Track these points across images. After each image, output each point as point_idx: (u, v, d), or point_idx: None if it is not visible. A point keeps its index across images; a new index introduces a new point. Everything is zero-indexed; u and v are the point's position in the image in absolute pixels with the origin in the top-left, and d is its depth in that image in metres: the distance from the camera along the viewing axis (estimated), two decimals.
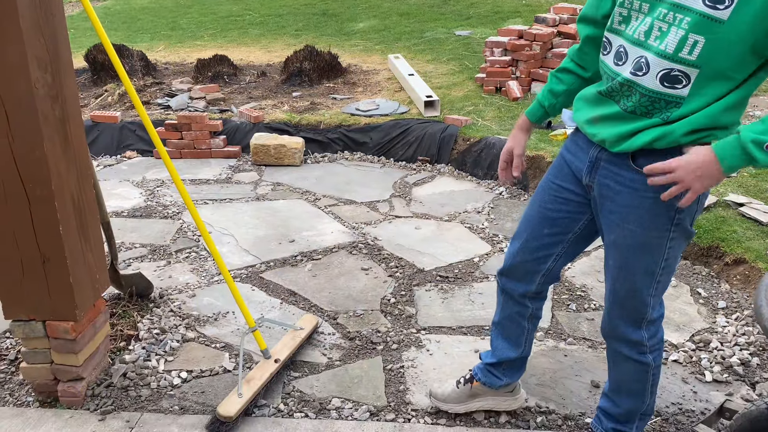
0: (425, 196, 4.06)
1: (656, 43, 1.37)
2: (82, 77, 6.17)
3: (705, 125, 1.38)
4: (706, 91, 1.35)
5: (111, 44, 2.09)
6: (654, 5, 1.37)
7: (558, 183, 1.71)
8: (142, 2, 11.76)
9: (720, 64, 1.31)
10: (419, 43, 7.52)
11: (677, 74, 1.35)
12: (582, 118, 1.60)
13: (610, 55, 1.50)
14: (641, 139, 1.44)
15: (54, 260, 2.02)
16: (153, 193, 4.06)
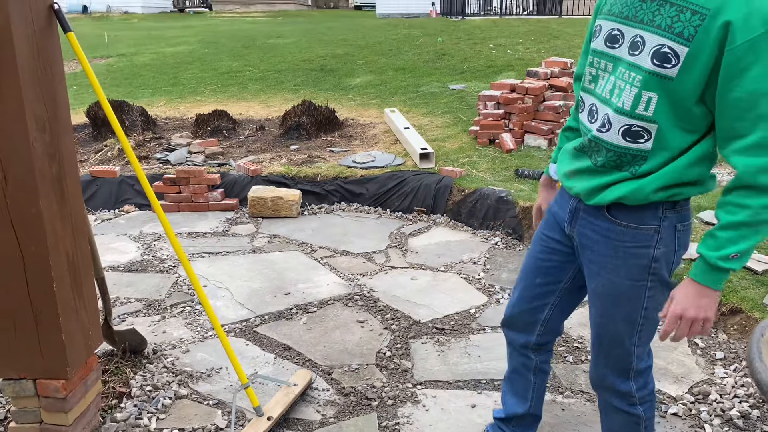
0: (421, 246, 4.08)
1: (615, 100, 1.43)
2: (83, 132, 6.28)
3: (673, 181, 1.42)
4: (669, 145, 1.40)
5: (107, 101, 2.14)
6: (616, 65, 1.44)
7: (546, 234, 1.75)
8: (144, 59, 12.06)
9: (676, 119, 1.37)
10: (415, 97, 7.68)
11: (638, 129, 1.41)
12: (561, 172, 1.67)
13: (584, 113, 1.57)
14: (613, 194, 1.48)
15: (46, 317, 2.01)
16: (150, 247, 4.07)
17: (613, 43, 1.45)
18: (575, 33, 11.42)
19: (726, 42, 1.26)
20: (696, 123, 1.38)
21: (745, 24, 1.23)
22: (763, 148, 1.28)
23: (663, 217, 1.47)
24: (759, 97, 1.25)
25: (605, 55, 1.47)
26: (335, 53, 11.05)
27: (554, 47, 10.26)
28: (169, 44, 14.22)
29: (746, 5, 1.24)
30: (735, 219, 1.31)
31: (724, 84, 1.29)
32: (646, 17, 1.37)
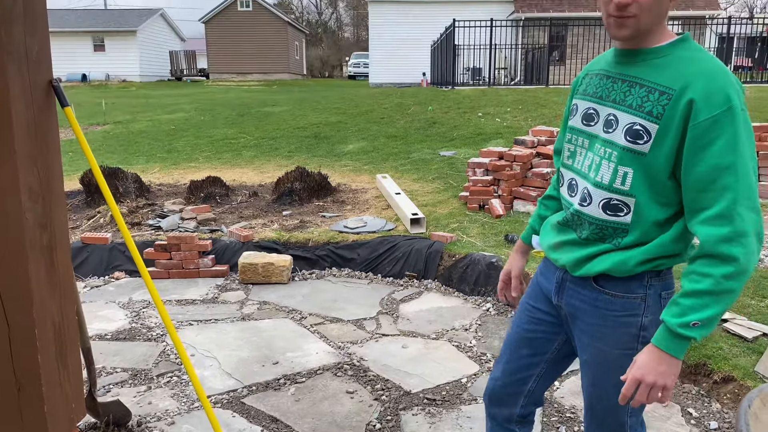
0: (412, 312, 4.06)
1: (593, 175, 1.50)
2: (76, 199, 6.32)
3: (657, 255, 1.46)
4: (647, 218, 1.45)
5: (100, 169, 2.18)
6: (592, 141, 1.52)
7: (532, 304, 1.76)
8: (140, 126, 12.29)
9: (652, 192, 1.43)
10: (406, 163, 7.83)
11: (617, 203, 1.46)
12: (545, 244, 1.70)
13: (564, 187, 1.63)
14: (598, 266, 1.52)
15: (29, 388, 1.98)
16: (138, 315, 4.03)
17: (589, 121, 1.53)
18: (561, 102, 11.77)
19: (690, 119, 1.33)
20: (670, 197, 1.43)
21: (706, 102, 1.31)
22: (724, 218, 1.32)
23: (648, 285, 1.50)
24: (721, 170, 1.31)
25: (582, 132, 1.55)
26: (329, 121, 11.31)
27: (541, 116, 10.55)
28: (166, 112, 14.53)
29: (707, 85, 1.32)
30: (697, 287, 1.33)
31: (689, 158, 1.35)
32: (618, 97, 1.46)
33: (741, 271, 1.32)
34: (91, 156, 2.04)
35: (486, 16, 17.87)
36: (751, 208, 1.33)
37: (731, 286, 1.32)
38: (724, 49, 18.32)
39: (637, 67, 1.44)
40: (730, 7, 44.32)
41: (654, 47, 1.43)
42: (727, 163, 1.31)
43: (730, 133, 1.30)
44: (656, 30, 1.42)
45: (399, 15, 26.46)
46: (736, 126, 1.30)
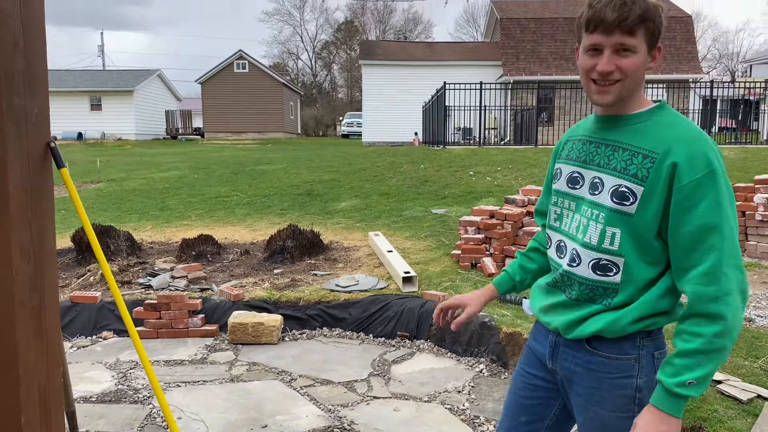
0: (405, 374, 4.00)
1: (581, 236, 1.53)
2: (67, 257, 6.28)
3: (647, 313, 1.48)
4: (636, 278, 1.48)
5: (91, 226, 2.19)
6: (579, 204, 1.56)
7: (527, 370, 1.74)
8: (134, 184, 12.36)
9: (640, 252, 1.46)
10: (398, 221, 7.88)
11: (606, 263, 1.50)
12: (536, 307, 1.70)
13: (552, 249, 1.65)
14: (590, 327, 1.53)
15: None
16: (125, 376, 3.95)
17: (575, 184, 1.57)
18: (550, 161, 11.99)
19: (674, 181, 1.39)
20: (657, 256, 1.47)
21: (689, 165, 1.37)
22: (711, 276, 1.36)
23: (641, 346, 1.51)
24: (707, 230, 1.36)
25: (568, 195, 1.59)
26: (322, 179, 11.44)
27: (531, 174, 10.72)
28: (160, 170, 14.65)
29: (689, 148, 1.38)
30: (690, 347, 1.36)
31: (676, 219, 1.40)
32: (602, 161, 1.51)
33: (729, 328, 1.35)
34: (85, 216, 2.06)
35: (476, 79, 18.39)
36: (736, 266, 1.37)
37: (722, 343, 1.35)
38: (708, 111, 18.84)
39: (618, 132, 1.50)
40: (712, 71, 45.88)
41: (634, 113, 1.49)
42: (712, 224, 1.36)
43: (713, 194, 1.36)
44: (635, 96, 1.49)
45: (391, 77, 27.16)
46: (719, 188, 1.37)
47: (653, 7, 1.41)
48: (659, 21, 1.43)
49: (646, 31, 1.42)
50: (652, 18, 1.41)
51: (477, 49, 28.99)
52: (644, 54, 1.44)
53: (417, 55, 28.85)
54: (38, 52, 2.02)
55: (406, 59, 28.08)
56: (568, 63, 24.26)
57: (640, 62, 1.44)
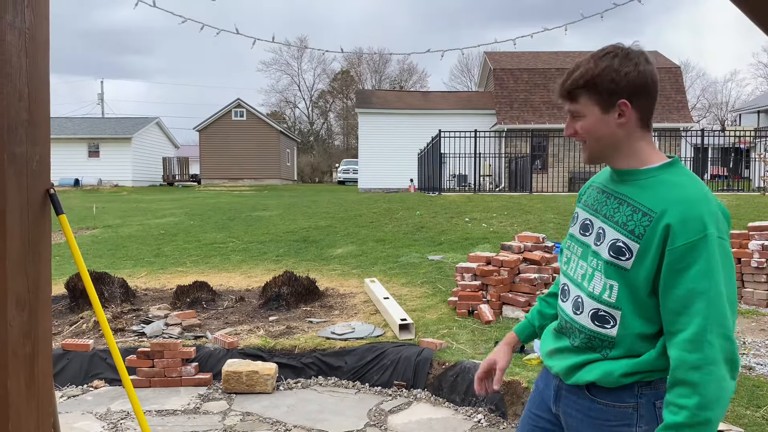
0: (401, 425, 3.92)
1: (587, 285, 1.54)
2: (60, 304, 6.22)
3: (643, 369, 1.48)
4: (633, 331, 1.47)
5: (88, 273, 2.18)
6: (585, 251, 1.57)
7: (534, 412, 1.73)
8: (129, 230, 12.35)
9: (635, 307, 1.46)
10: (394, 267, 7.86)
11: (604, 314, 1.50)
12: (543, 351, 1.71)
13: (560, 292, 1.67)
14: (587, 376, 1.53)
15: None
16: (116, 427, 3.86)
17: (585, 231, 1.59)
18: (545, 208, 12.07)
19: (668, 243, 1.39)
20: (652, 313, 1.46)
21: (683, 228, 1.37)
22: (694, 343, 1.35)
23: (639, 395, 1.49)
24: (695, 295, 1.36)
25: (578, 241, 1.61)
26: (318, 225, 11.46)
27: (526, 221, 10.78)
28: (156, 216, 14.67)
29: (685, 211, 1.38)
30: (676, 420, 1.35)
31: (667, 281, 1.40)
32: (608, 212, 1.53)
33: (711, 399, 1.33)
34: (82, 263, 2.05)
35: (470, 127, 18.67)
36: (722, 335, 1.34)
37: (706, 416, 1.33)
38: (700, 159, 19.12)
39: (627, 186, 1.51)
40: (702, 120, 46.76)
41: (644, 168, 1.50)
42: (700, 289, 1.35)
43: (705, 259, 1.35)
44: (633, 152, 1.51)
45: (387, 125, 27.56)
46: (711, 253, 1.35)
47: (600, 71, 1.45)
48: (608, 81, 1.44)
49: (592, 94, 1.46)
50: (594, 82, 1.45)
51: (471, 98, 29.57)
52: (596, 115, 1.48)
53: (412, 103, 29.37)
54: (42, 101, 2.06)
55: (402, 108, 28.57)
56: (561, 112, 24.60)
57: (592, 123, 1.49)
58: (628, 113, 1.47)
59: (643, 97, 1.48)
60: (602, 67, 1.45)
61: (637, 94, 1.46)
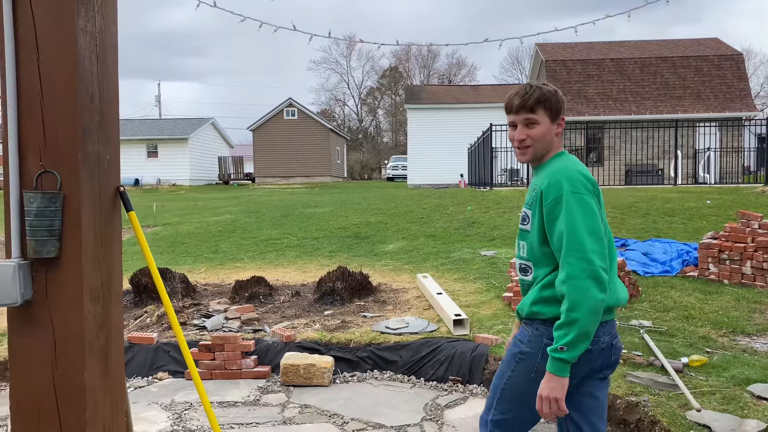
0: (458, 420, 3.91)
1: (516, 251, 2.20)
2: (125, 299, 6.47)
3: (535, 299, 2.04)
4: (538, 275, 2.07)
5: (157, 269, 2.26)
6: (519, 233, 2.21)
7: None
8: (188, 228, 12.72)
9: (537, 257, 2.05)
10: (446, 263, 7.83)
11: (525, 266, 2.13)
12: None
13: None
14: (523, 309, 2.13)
15: None
16: (180, 417, 3.99)
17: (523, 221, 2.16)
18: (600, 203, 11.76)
19: (543, 203, 1.99)
20: (547, 260, 2.02)
21: (548, 191, 1.97)
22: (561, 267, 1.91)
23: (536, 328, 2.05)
24: (563, 235, 1.91)
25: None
26: (369, 221, 11.52)
27: None
28: (213, 214, 15.06)
29: (550, 179, 1.99)
30: (559, 322, 1.89)
31: (547, 230, 1.98)
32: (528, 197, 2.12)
33: (576, 303, 1.84)
34: (151, 258, 2.13)
35: None
36: (580, 257, 1.87)
37: (575, 316, 1.84)
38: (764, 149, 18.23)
39: (535, 177, 2.12)
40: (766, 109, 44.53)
41: (545, 162, 2.10)
42: (564, 230, 1.91)
43: (564, 208, 1.92)
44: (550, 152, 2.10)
45: (436, 120, 27.45)
46: (568, 203, 1.92)
47: (549, 93, 2.06)
48: (555, 101, 2.07)
49: (545, 109, 2.06)
50: (548, 99, 2.06)
51: None
52: (547, 124, 2.07)
53: (462, 98, 29.13)
54: (112, 102, 2.15)
55: (451, 102, 28.38)
56: (616, 103, 24.03)
57: (544, 130, 2.07)
58: (562, 125, 2.12)
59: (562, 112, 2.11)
60: (551, 91, 2.08)
61: (562, 112, 2.11)
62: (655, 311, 5.52)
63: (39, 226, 1.86)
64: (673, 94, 23.97)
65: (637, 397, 3.55)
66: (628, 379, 3.84)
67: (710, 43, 26.08)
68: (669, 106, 23.50)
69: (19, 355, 1.96)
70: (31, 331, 1.95)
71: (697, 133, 19.74)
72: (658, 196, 12.09)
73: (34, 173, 1.92)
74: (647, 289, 6.29)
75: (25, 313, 1.95)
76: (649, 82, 24.32)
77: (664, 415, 3.29)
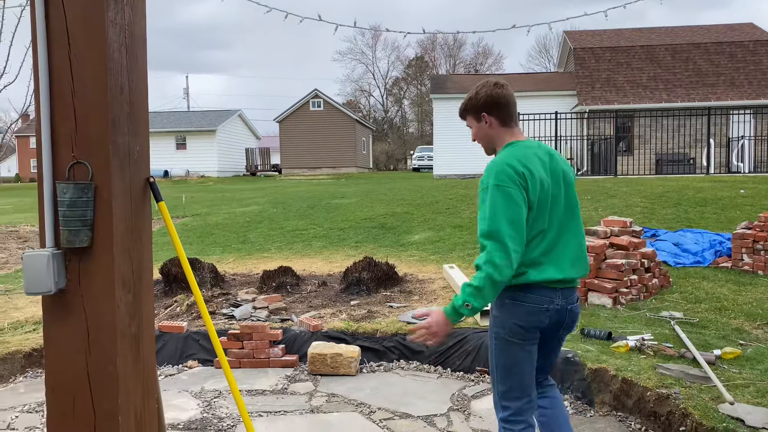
0: (485, 410, 3.90)
1: None
2: (155, 288, 6.60)
3: None
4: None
5: (186, 258, 2.29)
6: None
7: None
8: (216, 218, 12.88)
9: None
10: (473, 254, 7.79)
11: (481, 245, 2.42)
12: None
13: None
14: None
15: None
16: (210, 405, 4.06)
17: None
18: (631, 192, 11.58)
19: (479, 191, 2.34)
20: None
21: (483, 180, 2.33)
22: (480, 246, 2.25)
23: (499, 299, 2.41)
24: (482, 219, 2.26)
25: None
26: (395, 211, 11.52)
27: (611, 205, 10.38)
28: (240, 205, 15.22)
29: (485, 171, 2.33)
30: (470, 284, 2.23)
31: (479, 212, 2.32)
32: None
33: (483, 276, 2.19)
34: (181, 248, 2.16)
35: (550, 109, 18.15)
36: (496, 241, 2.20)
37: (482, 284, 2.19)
38: None
39: None
40: None
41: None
42: (485, 215, 2.25)
43: (488, 198, 2.26)
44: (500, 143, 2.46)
45: None
46: (492, 194, 2.26)
47: (469, 101, 2.47)
48: (473, 105, 2.46)
49: (470, 114, 2.50)
50: (469, 108, 2.48)
51: (550, 79, 28.64)
52: (476, 125, 2.49)
53: None
54: (141, 93, 2.17)
55: None
56: (646, 91, 23.52)
57: (476, 131, 2.51)
58: (488, 120, 2.45)
59: (495, 108, 2.43)
60: (470, 97, 2.46)
61: (483, 110, 2.44)
62: (687, 302, 5.42)
63: (72, 216, 1.90)
64: (706, 81, 23.35)
65: (668, 390, 3.49)
66: (658, 371, 3.78)
67: (745, 29, 25.33)
68: (701, 94, 22.90)
69: (53, 343, 2.01)
70: (65, 320, 1.99)
71: (731, 121, 19.27)
72: (689, 186, 11.84)
73: (67, 164, 1.96)
74: (678, 280, 6.18)
75: (58, 302, 1.99)
76: (680, 69, 23.73)
77: (695, 408, 3.23)
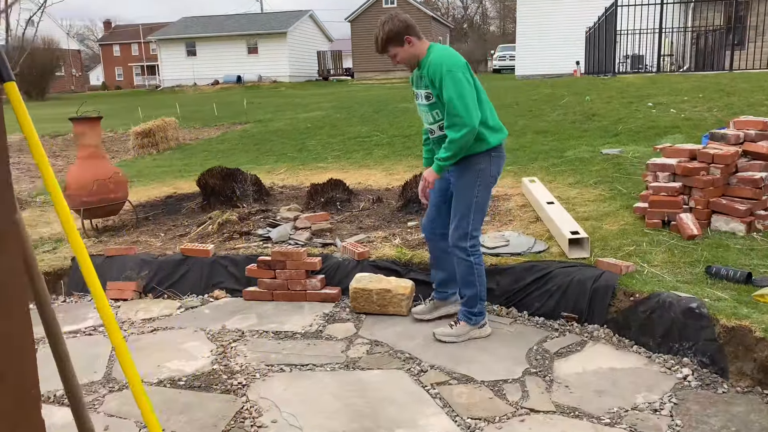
0: (573, 375, 2.94)
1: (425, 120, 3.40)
2: (193, 202, 5.90)
3: None
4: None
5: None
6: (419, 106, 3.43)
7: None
8: (278, 125, 12.09)
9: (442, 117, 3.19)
10: (559, 164, 6.58)
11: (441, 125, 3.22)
12: None
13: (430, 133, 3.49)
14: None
15: None
16: (224, 353, 3.31)
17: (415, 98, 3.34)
18: (752, 88, 9.70)
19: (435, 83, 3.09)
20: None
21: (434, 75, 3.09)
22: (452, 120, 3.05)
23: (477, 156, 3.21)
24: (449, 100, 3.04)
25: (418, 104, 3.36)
26: None
27: (728, 105, 8.68)
28: (305, 110, 14.35)
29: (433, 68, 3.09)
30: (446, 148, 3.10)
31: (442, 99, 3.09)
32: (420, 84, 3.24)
33: (452, 140, 3.06)
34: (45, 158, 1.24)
35: None
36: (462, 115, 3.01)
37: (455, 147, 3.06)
38: None
39: (422, 70, 3.17)
40: None
41: (422, 59, 3.18)
42: (448, 97, 3.03)
43: (445, 83, 3.03)
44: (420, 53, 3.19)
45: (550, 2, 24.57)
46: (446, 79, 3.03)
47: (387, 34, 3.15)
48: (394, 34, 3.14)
49: (392, 44, 3.16)
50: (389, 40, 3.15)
51: None
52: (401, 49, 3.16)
53: None
54: None
55: None
56: None
57: (402, 56, 3.18)
58: (411, 41, 3.15)
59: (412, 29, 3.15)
60: (388, 30, 3.13)
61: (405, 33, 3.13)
62: None
63: None
64: None
65: None
66: None
67: None
68: None
69: None
70: None
71: None
72: None
73: None
74: None
75: None
76: None
77: None
